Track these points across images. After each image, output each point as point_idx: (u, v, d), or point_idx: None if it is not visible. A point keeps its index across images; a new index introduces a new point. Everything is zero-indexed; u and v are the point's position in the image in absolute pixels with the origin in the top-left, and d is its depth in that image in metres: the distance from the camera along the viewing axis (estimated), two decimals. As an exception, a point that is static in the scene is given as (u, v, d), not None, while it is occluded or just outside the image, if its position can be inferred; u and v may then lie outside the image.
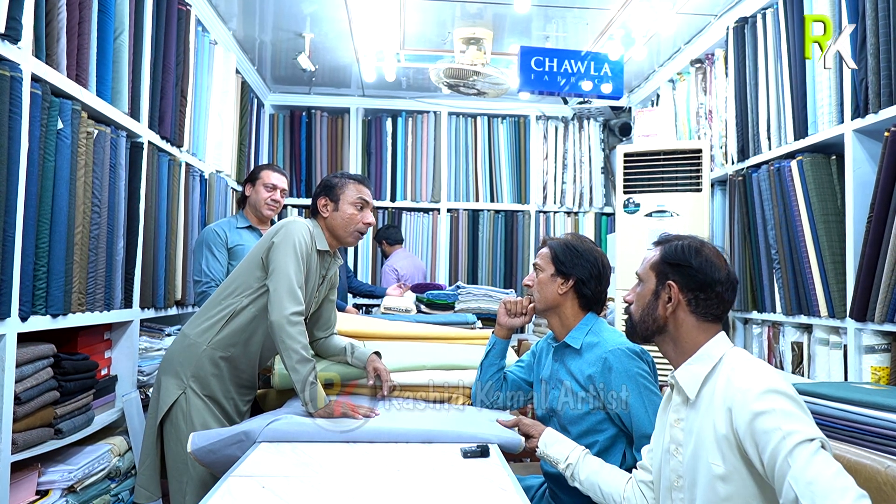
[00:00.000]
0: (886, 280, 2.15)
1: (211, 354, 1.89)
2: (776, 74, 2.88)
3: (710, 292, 1.22)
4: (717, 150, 3.47)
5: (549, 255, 1.76)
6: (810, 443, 1.00)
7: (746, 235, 3.06)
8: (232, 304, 1.90)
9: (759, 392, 1.06)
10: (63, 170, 1.98)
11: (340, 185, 1.95)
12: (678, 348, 1.25)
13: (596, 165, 5.05)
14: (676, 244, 1.27)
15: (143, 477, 1.93)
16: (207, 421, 1.87)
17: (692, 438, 1.19)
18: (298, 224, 1.86)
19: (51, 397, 1.98)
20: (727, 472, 1.11)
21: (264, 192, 2.70)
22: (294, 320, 1.74)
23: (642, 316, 1.28)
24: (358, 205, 1.94)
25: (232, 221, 2.69)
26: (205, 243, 2.55)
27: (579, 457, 1.51)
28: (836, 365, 2.49)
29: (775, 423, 1.02)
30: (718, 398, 1.13)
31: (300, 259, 1.81)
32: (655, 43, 3.79)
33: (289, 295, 1.76)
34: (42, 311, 1.93)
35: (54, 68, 1.93)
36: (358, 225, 1.95)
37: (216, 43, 3.49)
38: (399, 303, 3.40)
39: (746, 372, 1.11)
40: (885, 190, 2.17)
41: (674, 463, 1.24)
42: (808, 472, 0.97)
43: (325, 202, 1.96)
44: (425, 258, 4.91)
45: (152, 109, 2.66)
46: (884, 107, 2.20)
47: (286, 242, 1.81)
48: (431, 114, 4.95)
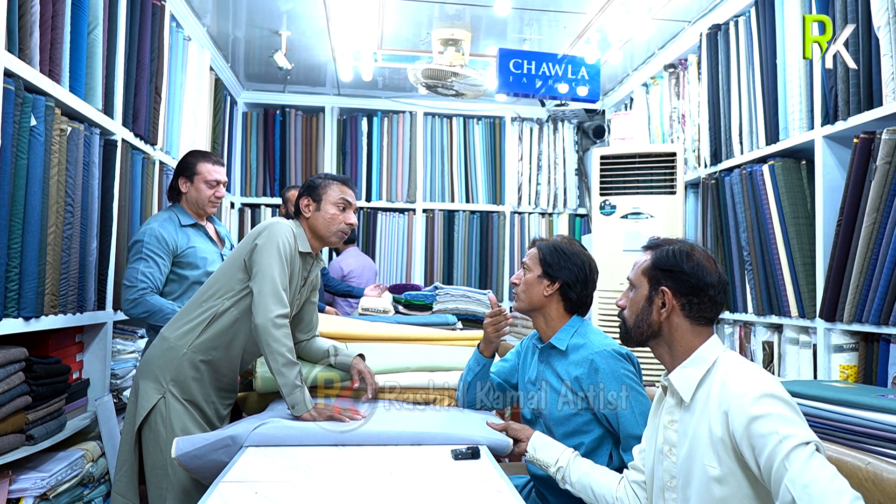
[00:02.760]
0: (855, 282, 2.23)
1: (192, 358, 1.85)
2: (748, 80, 2.95)
3: (703, 296, 1.24)
4: (690, 153, 3.55)
5: (538, 256, 1.77)
6: (806, 446, 1.02)
7: (719, 237, 3.14)
8: (213, 306, 1.86)
9: (755, 396, 1.09)
10: (36, 168, 1.92)
11: (323, 186, 1.93)
12: (672, 352, 1.27)
13: (570, 167, 5.10)
14: (668, 249, 1.28)
15: (120, 483, 1.87)
16: (187, 426, 1.83)
17: (686, 440, 1.21)
18: (282, 225, 1.84)
19: (22, 402, 1.92)
20: (722, 474, 1.13)
21: (206, 189, 2.36)
22: (279, 323, 1.72)
23: (636, 321, 1.29)
24: (340, 205, 1.92)
25: (173, 219, 2.32)
26: (143, 247, 2.21)
27: (569, 459, 1.52)
28: (805, 364, 2.58)
29: (772, 427, 1.05)
30: (714, 401, 1.16)
31: (284, 261, 1.79)
32: (630, 47, 3.85)
33: (273, 297, 1.73)
34: (14, 314, 1.87)
35: (27, 63, 1.87)
36: (340, 225, 1.92)
37: (190, 39, 3.43)
38: (377, 303, 3.37)
39: (742, 376, 1.14)
40: (853, 195, 2.25)
41: (667, 464, 1.26)
42: (804, 475, 1.00)
43: (308, 202, 1.93)
44: (401, 258, 4.90)
45: (126, 106, 2.60)
46: (853, 114, 2.28)
47: (270, 244, 1.79)
48: (407, 114, 4.94)
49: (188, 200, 2.38)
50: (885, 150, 2.11)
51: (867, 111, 2.22)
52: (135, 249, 2.23)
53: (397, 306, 3.47)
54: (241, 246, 1.89)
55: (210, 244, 2.38)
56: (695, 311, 1.24)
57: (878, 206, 2.15)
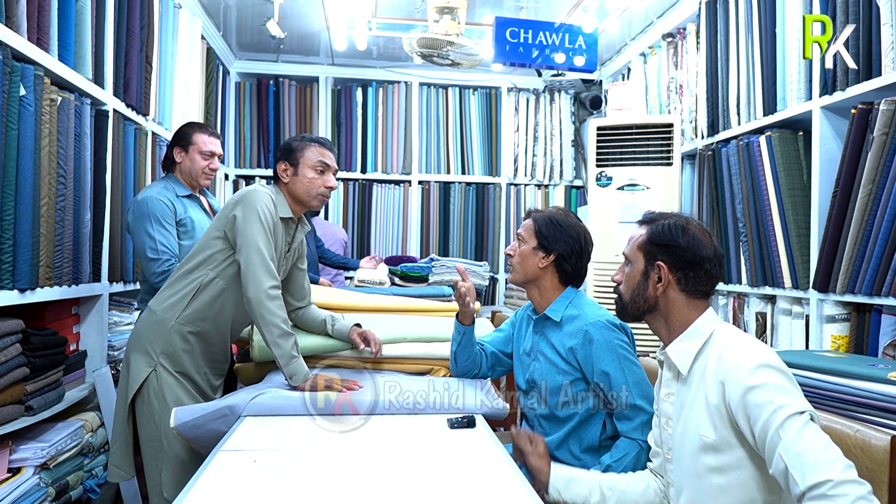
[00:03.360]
0: (849, 253, 2.24)
1: (180, 330, 1.84)
2: (747, 50, 2.92)
3: (699, 270, 1.25)
4: (687, 124, 3.52)
5: (533, 227, 1.76)
6: (800, 416, 1.04)
7: (714, 209, 3.14)
8: (198, 277, 1.84)
9: (751, 367, 1.10)
10: (27, 138, 1.90)
11: (300, 149, 1.88)
12: (669, 325, 1.28)
13: (566, 138, 5.07)
14: (663, 224, 1.28)
15: (116, 456, 1.89)
16: (180, 397, 1.83)
17: (683, 412, 1.23)
18: (259, 192, 1.80)
19: (20, 374, 1.93)
20: (716, 441, 1.15)
21: (201, 160, 2.31)
22: (272, 294, 1.72)
23: (633, 296, 1.30)
24: (319, 168, 1.87)
25: (171, 188, 2.26)
26: (152, 216, 2.16)
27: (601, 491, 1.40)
28: (797, 334, 2.60)
29: (767, 396, 1.06)
30: (710, 373, 1.17)
31: (267, 229, 1.76)
32: (628, 16, 3.79)
33: (263, 269, 1.72)
34: (9, 286, 1.87)
35: (14, 31, 1.83)
36: (320, 189, 1.88)
37: (180, 7, 3.36)
38: (373, 275, 3.38)
39: (738, 347, 1.15)
40: (850, 166, 2.25)
41: (665, 436, 1.28)
42: (798, 443, 1.01)
43: (286, 167, 1.88)
44: (396, 230, 4.90)
45: (117, 76, 2.56)
46: (851, 84, 2.27)
47: (250, 214, 1.75)
48: (402, 84, 4.89)
49: (182, 171, 2.32)
50: (883, 121, 2.10)
51: (866, 81, 2.20)
52: (142, 218, 2.15)
53: (393, 278, 3.48)
54: (220, 215, 1.86)
55: (205, 216, 2.36)
56: (691, 284, 1.25)
57: (873, 178, 2.15)
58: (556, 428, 1.69)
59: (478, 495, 1.12)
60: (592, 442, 1.65)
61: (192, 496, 1.07)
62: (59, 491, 2.06)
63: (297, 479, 1.15)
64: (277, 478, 1.16)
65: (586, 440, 1.66)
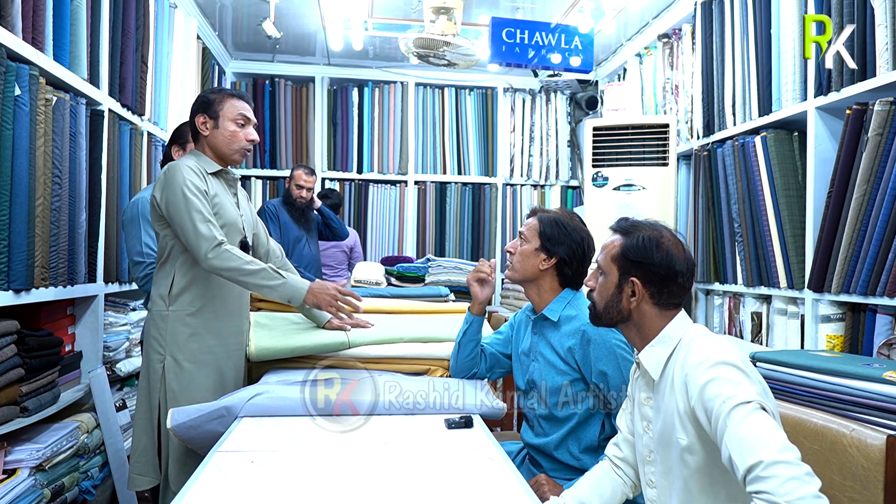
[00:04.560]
0: (844, 253, 2.25)
1: (179, 317, 1.81)
2: (742, 51, 2.93)
3: (672, 284, 1.25)
4: (683, 124, 3.53)
5: (538, 228, 1.74)
6: (747, 405, 1.03)
7: (710, 209, 3.15)
8: (169, 264, 1.83)
9: (708, 365, 1.11)
10: (22, 138, 1.89)
11: (219, 101, 1.85)
12: (641, 334, 1.29)
13: (562, 138, 5.08)
14: (637, 238, 1.27)
15: (139, 464, 1.80)
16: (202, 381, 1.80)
17: (660, 416, 1.24)
18: (173, 165, 1.78)
19: (15, 375, 1.92)
20: (690, 443, 1.16)
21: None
22: (217, 251, 1.70)
23: (606, 307, 1.31)
24: (239, 121, 1.86)
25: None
26: (142, 217, 2.13)
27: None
28: (793, 334, 2.61)
29: (717, 390, 1.07)
30: (678, 376, 1.18)
31: (195, 194, 1.74)
32: (624, 16, 3.80)
33: (197, 236, 1.70)
34: (4, 287, 1.86)
35: (9, 31, 1.82)
36: (242, 142, 1.87)
37: (176, 6, 3.35)
38: (369, 275, 3.38)
39: (699, 348, 1.16)
40: (844, 166, 2.26)
41: (646, 439, 1.29)
42: (739, 430, 1.00)
43: (205, 120, 1.86)
44: (392, 230, 4.89)
45: (112, 76, 2.55)
46: (846, 85, 2.28)
47: (172, 190, 1.73)
48: (399, 84, 4.88)
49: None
50: (877, 122, 2.11)
51: (861, 82, 2.21)
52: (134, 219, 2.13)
53: (389, 278, 3.48)
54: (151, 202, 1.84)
55: None
56: (664, 298, 1.26)
57: (868, 178, 2.16)
58: (555, 428, 1.69)
59: (475, 495, 1.12)
60: (591, 442, 1.65)
61: (189, 498, 1.06)
62: (54, 492, 2.05)
63: (294, 480, 1.15)
64: (275, 479, 1.15)
65: (585, 440, 1.66)
